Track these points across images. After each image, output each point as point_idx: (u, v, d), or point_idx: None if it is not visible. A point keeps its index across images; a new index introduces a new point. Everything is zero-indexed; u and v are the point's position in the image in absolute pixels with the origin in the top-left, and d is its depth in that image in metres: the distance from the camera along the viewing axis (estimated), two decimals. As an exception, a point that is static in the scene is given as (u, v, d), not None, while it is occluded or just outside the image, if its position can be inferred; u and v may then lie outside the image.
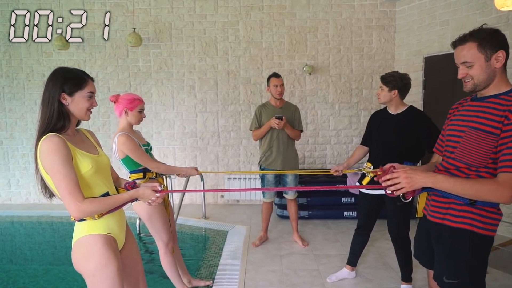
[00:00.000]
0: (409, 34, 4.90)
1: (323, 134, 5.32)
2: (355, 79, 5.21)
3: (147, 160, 2.53)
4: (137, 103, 2.55)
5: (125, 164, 2.56)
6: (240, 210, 5.13)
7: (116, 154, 2.53)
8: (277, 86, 3.59)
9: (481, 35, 1.50)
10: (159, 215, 2.60)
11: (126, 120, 2.57)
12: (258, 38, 5.19)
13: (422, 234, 1.81)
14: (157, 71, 5.31)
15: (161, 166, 2.60)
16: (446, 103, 4.55)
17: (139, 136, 2.69)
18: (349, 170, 2.89)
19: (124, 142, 2.47)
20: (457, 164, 1.58)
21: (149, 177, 2.60)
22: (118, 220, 1.71)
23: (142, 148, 2.56)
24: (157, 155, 5.40)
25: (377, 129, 2.81)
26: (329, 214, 4.59)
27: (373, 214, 2.88)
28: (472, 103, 1.62)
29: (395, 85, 2.62)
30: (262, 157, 3.73)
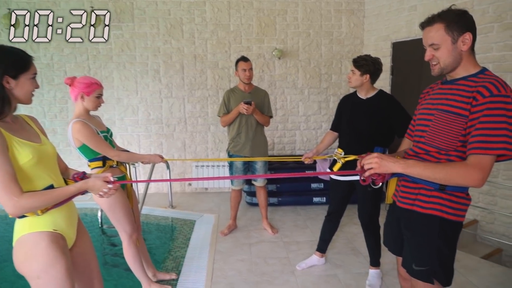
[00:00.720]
0: (377, 19, 4.88)
1: (293, 120, 5.26)
2: (325, 64, 5.15)
3: (105, 148, 2.35)
4: (94, 88, 2.34)
5: (82, 152, 2.37)
6: (209, 198, 5.00)
7: (72, 143, 2.34)
8: (246, 70, 3.45)
9: (449, 16, 1.45)
10: (121, 205, 2.45)
11: (82, 106, 2.37)
12: (226, 20, 5.00)
13: (391, 221, 1.77)
14: (118, 54, 5.01)
15: (121, 154, 2.43)
16: (413, 89, 4.61)
17: (97, 122, 2.49)
18: (319, 157, 2.83)
19: (79, 129, 2.28)
20: (427, 148, 1.54)
21: (109, 165, 2.43)
22: (67, 215, 1.55)
23: (100, 135, 2.37)
24: (121, 143, 5.15)
25: (347, 113, 2.75)
26: (298, 200, 4.56)
27: (344, 200, 2.85)
28: (442, 86, 1.59)
29: (368, 69, 2.56)
30: (230, 143, 3.61)
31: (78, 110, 2.37)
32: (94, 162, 2.41)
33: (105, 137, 2.42)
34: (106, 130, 2.49)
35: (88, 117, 2.40)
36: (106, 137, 2.43)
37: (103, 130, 2.44)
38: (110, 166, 2.43)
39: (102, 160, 2.40)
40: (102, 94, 2.42)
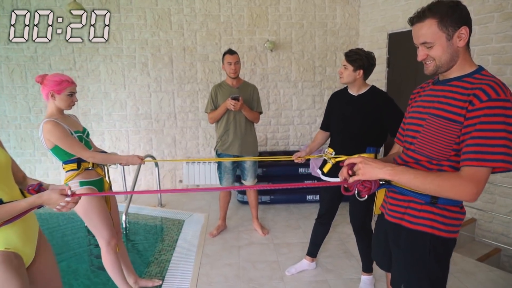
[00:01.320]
0: (373, 9, 4.68)
1: (286, 115, 5.09)
2: (319, 56, 4.97)
3: (78, 149, 2.21)
4: (65, 85, 2.18)
5: (55, 154, 2.24)
6: (200, 195, 4.87)
7: (44, 144, 2.20)
8: (231, 64, 3.28)
9: (441, 10, 1.28)
10: (97, 210, 2.31)
11: (53, 105, 2.23)
12: (216, 11, 4.80)
13: (379, 233, 1.63)
14: (105, 46, 4.81)
15: (96, 156, 2.28)
16: (410, 82, 4.43)
17: (72, 121, 2.34)
18: (310, 156, 2.68)
19: (49, 130, 2.13)
20: (417, 156, 1.39)
21: (84, 168, 2.29)
22: (22, 230, 1.40)
23: (74, 136, 2.22)
24: (109, 139, 5.00)
25: (338, 111, 2.60)
26: (291, 198, 4.42)
27: (335, 202, 2.71)
28: (434, 87, 1.42)
29: (361, 64, 2.39)
30: (218, 141, 3.45)
31: (50, 110, 2.23)
32: (68, 164, 2.27)
33: (80, 137, 2.28)
34: (81, 130, 2.34)
35: (61, 117, 2.25)
36: (81, 138, 2.28)
37: (77, 130, 2.29)
38: (85, 169, 2.30)
39: (76, 162, 2.27)
40: (75, 91, 2.27)
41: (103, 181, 2.41)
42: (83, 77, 4.85)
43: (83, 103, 4.91)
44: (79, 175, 2.26)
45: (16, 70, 4.80)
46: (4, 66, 4.78)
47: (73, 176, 2.24)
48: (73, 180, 2.25)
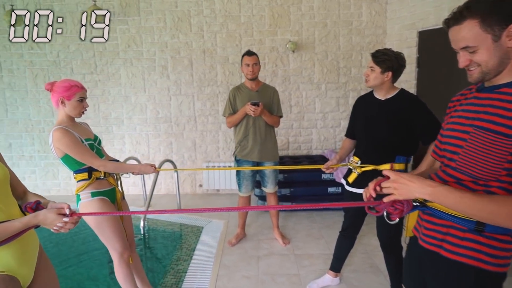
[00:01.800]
0: (402, 5, 4.43)
1: (309, 118, 4.91)
2: (343, 57, 4.75)
3: (89, 157, 2.13)
4: (74, 91, 2.11)
5: (66, 163, 2.16)
6: (220, 201, 4.76)
7: (54, 153, 2.13)
8: (249, 65, 3.14)
9: (482, 7, 1.06)
10: (110, 221, 2.22)
11: (63, 112, 2.16)
12: (236, 11, 4.68)
13: (412, 260, 1.43)
14: (125, 50, 4.79)
15: (108, 164, 2.20)
16: (442, 84, 4.15)
17: (83, 129, 2.26)
18: (336, 165, 2.50)
19: (59, 138, 2.06)
20: (459, 175, 1.17)
21: (95, 177, 2.21)
22: (19, 250, 1.31)
23: (85, 144, 2.15)
24: (129, 142, 4.97)
25: (363, 117, 2.40)
26: (314, 205, 4.23)
27: (361, 214, 2.52)
28: (478, 95, 1.20)
29: (390, 66, 2.19)
30: (237, 147, 3.32)
31: (60, 117, 2.17)
32: (79, 173, 2.20)
33: (91, 145, 2.19)
34: (93, 138, 2.26)
35: (72, 124, 2.18)
36: (92, 146, 2.20)
37: (88, 138, 2.21)
38: (96, 178, 2.22)
39: (87, 172, 2.19)
40: (85, 97, 2.19)
41: (115, 191, 2.32)
42: (104, 81, 4.85)
43: (104, 106, 4.91)
44: (91, 185, 2.18)
45: (40, 74, 4.84)
46: (28, 70, 4.84)
47: (84, 187, 2.16)
48: (84, 190, 2.17)
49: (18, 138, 5.00)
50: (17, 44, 4.77)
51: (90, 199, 2.17)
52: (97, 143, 2.28)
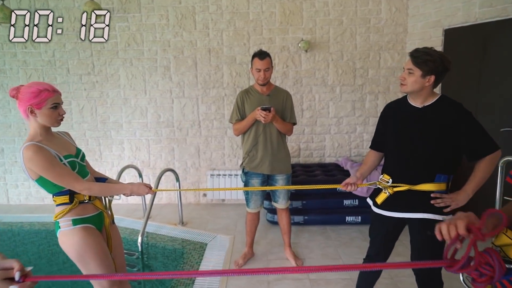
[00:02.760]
0: (425, 1, 4.05)
1: (322, 122, 4.54)
2: (360, 57, 4.38)
3: (69, 180, 1.77)
4: (45, 96, 1.74)
5: (42, 186, 1.81)
6: (225, 212, 4.41)
7: (27, 174, 1.77)
8: (260, 70, 2.78)
9: None
10: (94, 252, 1.86)
11: (35, 123, 1.79)
12: (244, 8, 4.32)
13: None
14: (124, 49, 4.46)
15: (93, 187, 1.84)
16: (471, 86, 3.76)
17: (61, 142, 1.89)
18: (363, 185, 2.13)
19: (31, 157, 1.69)
20: None
21: (78, 201, 1.85)
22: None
23: (64, 162, 1.78)
24: (129, 148, 4.63)
25: (395, 128, 2.03)
26: (328, 219, 3.87)
27: (390, 240, 2.15)
28: None
29: (433, 68, 1.83)
30: (245, 157, 2.96)
31: (33, 130, 1.80)
32: (59, 196, 1.84)
33: (72, 163, 1.83)
34: (74, 154, 1.89)
35: (47, 137, 1.81)
36: (73, 163, 1.83)
37: (68, 154, 1.84)
38: (80, 202, 1.86)
39: (69, 194, 1.83)
40: (60, 102, 1.82)
41: (103, 216, 1.96)
42: (102, 82, 4.52)
43: (102, 109, 4.58)
44: (72, 211, 1.82)
45: (34, 75, 4.53)
46: (22, 71, 4.53)
47: (64, 212, 1.81)
48: (65, 217, 1.81)
49: (11, 143, 4.69)
50: (10, 43, 4.46)
51: (71, 227, 1.82)
52: (80, 159, 1.92)
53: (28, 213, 4.49)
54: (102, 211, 1.95)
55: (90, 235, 1.85)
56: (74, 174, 1.79)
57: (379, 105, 4.45)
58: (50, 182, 1.75)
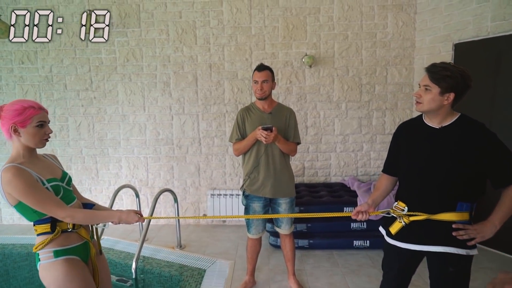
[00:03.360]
0: (434, 15, 3.91)
1: (327, 140, 4.36)
2: (366, 73, 4.22)
3: (51, 206, 1.60)
4: (30, 114, 1.61)
5: (21, 213, 1.65)
6: (225, 234, 4.19)
7: (5, 200, 1.61)
8: (257, 82, 2.64)
9: None
10: (77, 285, 1.67)
11: (19, 143, 1.64)
12: (246, 22, 4.21)
13: None
14: (123, 64, 4.34)
15: (77, 214, 1.66)
16: (483, 102, 3.58)
17: (46, 165, 1.73)
18: (376, 213, 1.92)
19: (9, 181, 1.54)
20: None
21: (61, 230, 1.68)
22: None
23: (47, 186, 1.62)
24: (126, 166, 4.46)
25: (410, 150, 1.85)
26: (334, 243, 3.65)
27: (406, 275, 1.94)
28: None
29: (453, 85, 1.66)
30: (245, 179, 2.77)
31: (15, 151, 1.65)
32: (40, 225, 1.67)
33: (56, 187, 1.66)
34: (59, 177, 1.73)
35: (30, 159, 1.66)
36: (57, 188, 1.67)
37: (52, 177, 1.68)
38: (62, 231, 1.68)
39: (50, 223, 1.66)
40: (47, 120, 1.68)
41: (89, 246, 1.78)
42: (100, 98, 4.39)
43: (99, 126, 4.43)
44: (54, 241, 1.65)
45: (30, 90, 4.41)
46: (18, 87, 4.41)
47: (45, 243, 1.64)
48: (45, 248, 1.64)
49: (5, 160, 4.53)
50: (6, 58, 4.36)
51: (52, 260, 1.65)
52: (66, 183, 1.76)
53: (21, 234, 4.30)
54: (88, 240, 1.77)
55: (73, 268, 1.67)
56: (57, 199, 1.63)
57: (387, 122, 4.27)
58: (30, 208, 1.59)
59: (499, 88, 3.39)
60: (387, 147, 4.24)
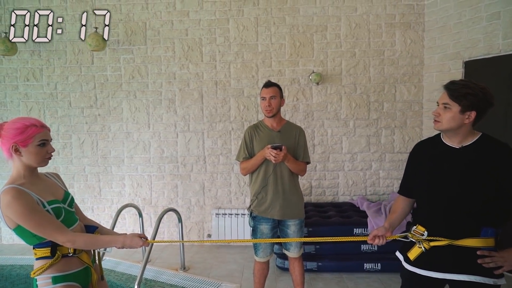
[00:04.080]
0: (443, 32, 3.87)
1: (335, 159, 4.26)
2: (374, 90, 4.16)
3: (51, 230, 1.52)
4: (32, 132, 1.54)
5: (21, 236, 1.57)
6: (230, 255, 4.06)
7: (4, 222, 1.52)
8: (265, 99, 2.58)
9: None
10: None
11: (20, 163, 1.57)
12: (253, 39, 4.18)
13: None
14: (128, 81, 4.30)
15: (78, 239, 1.57)
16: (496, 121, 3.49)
17: (48, 185, 1.65)
18: (392, 237, 1.81)
19: (9, 204, 1.46)
20: None
21: (62, 254, 1.58)
22: None
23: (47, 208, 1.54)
24: (129, 184, 4.38)
25: (429, 172, 1.75)
26: (344, 266, 3.51)
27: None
28: None
29: (475, 103, 1.58)
30: (253, 200, 2.68)
31: (16, 171, 1.57)
32: (39, 249, 1.58)
33: (57, 210, 1.58)
34: (61, 199, 1.64)
35: (31, 180, 1.58)
36: (58, 210, 1.58)
37: (54, 199, 1.59)
38: (63, 256, 1.59)
39: (50, 247, 1.56)
40: (49, 139, 1.61)
41: (90, 271, 1.68)
42: (104, 116, 4.34)
43: (103, 144, 4.37)
44: (53, 266, 1.56)
45: (35, 108, 4.38)
46: (23, 104, 4.38)
47: (44, 269, 1.54)
48: (43, 274, 1.54)
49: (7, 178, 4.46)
50: (12, 75, 4.34)
51: (50, 286, 1.55)
52: (68, 204, 1.67)
53: (21, 254, 4.18)
54: (89, 266, 1.67)
55: None
56: (57, 223, 1.54)
57: (396, 140, 4.18)
58: (29, 232, 1.51)
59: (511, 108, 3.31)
60: (396, 166, 4.19)
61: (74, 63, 4.31)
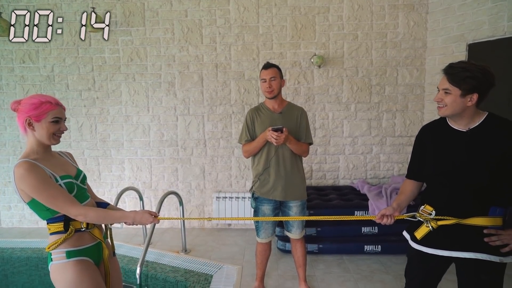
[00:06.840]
0: (447, 14, 3.81)
1: (335, 142, 4.25)
2: (376, 73, 4.12)
3: (63, 203, 1.53)
4: (46, 109, 1.55)
5: (34, 210, 1.59)
6: (231, 237, 4.08)
7: (19, 196, 1.55)
8: (265, 80, 2.55)
9: None
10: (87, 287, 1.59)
11: (33, 138, 1.59)
12: (254, 21, 4.11)
13: None
14: (127, 64, 4.24)
15: (90, 213, 1.58)
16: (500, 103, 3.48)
17: (60, 162, 1.67)
18: (401, 216, 1.80)
19: (22, 176, 1.48)
20: None
21: (74, 229, 1.59)
22: None
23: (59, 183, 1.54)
24: (129, 168, 4.35)
25: (437, 154, 1.73)
26: (345, 248, 3.54)
27: (431, 283, 1.83)
28: None
29: (475, 85, 1.56)
30: (255, 181, 2.67)
31: (29, 146, 1.60)
32: (52, 224, 1.60)
33: (70, 184, 1.59)
34: (73, 175, 1.64)
35: (44, 156, 1.60)
36: (71, 185, 1.60)
37: (66, 174, 1.60)
38: (76, 230, 1.61)
39: (63, 221, 1.58)
40: (63, 117, 1.62)
41: (102, 247, 1.69)
42: (103, 99, 4.28)
43: (102, 127, 4.33)
44: (66, 241, 1.59)
45: (32, 90, 4.31)
46: (19, 86, 4.31)
47: (58, 243, 1.57)
48: (58, 248, 1.57)
49: (5, 162, 4.43)
50: (7, 57, 4.26)
51: (64, 261, 1.58)
52: (80, 181, 1.68)
53: (21, 237, 4.18)
54: (101, 241, 1.68)
55: (85, 271, 1.60)
56: (70, 196, 1.55)
57: (397, 124, 4.17)
58: (42, 205, 1.53)
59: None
60: (397, 150, 4.19)
61: (71, 44, 4.23)
